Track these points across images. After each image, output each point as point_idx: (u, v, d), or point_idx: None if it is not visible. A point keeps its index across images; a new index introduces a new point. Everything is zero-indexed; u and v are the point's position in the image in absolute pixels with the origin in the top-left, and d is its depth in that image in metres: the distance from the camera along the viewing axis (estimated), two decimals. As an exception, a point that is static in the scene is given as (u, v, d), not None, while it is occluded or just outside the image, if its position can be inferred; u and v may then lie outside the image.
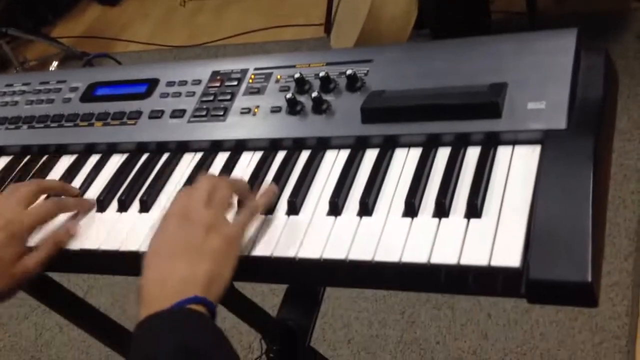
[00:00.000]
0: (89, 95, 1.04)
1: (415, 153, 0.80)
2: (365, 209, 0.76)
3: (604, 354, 1.69)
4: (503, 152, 0.76)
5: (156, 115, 0.96)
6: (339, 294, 2.04)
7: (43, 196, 0.91)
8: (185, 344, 0.66)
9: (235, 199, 0.82)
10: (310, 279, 0.79)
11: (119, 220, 0.87)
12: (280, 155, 0.87)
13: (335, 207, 0.78)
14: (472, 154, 0.77)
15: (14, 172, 1.00)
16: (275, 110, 0.90)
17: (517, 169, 0.74)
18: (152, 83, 1.01)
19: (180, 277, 0.72)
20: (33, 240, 0.85)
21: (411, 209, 0.74)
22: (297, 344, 1.14)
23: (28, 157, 1.03)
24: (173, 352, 0.65)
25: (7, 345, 2.15)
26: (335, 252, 0.73)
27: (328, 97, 0.88)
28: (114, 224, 0.86)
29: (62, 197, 0.92)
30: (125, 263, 0.82)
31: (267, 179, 0.85)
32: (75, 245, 0.85)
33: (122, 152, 0.97)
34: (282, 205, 0.81)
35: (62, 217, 0.88)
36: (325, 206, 0.79)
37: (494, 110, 0.76)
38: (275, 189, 0.83)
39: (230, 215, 0.79)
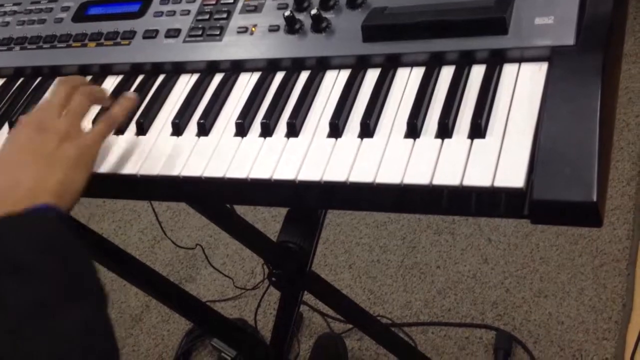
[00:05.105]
0: (81, 15, 1.01)
1: (418, 72, 0.78)
2: (367, 130, 0.74)
3: (603, 276, 1.70)
4: (509, 70, 0.73)
5: (150, 35, 0.93)
6: (340, 220, 2.05)
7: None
8: (43, 245, 0.66)
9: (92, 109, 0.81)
10: (310, 201, 0.77)
11: (116, 143, 0.85)
12: (279, 76, 0.85)
13: (336, 129, 0.76)
14: (477, 72, 0.75)
15: (9, 94, 0.98)
16: (274, 29, 0.87)
17: (523, 88, 0.71)
18: (145, 1, 0.97)
19: (31, 184, 0.71)
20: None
21: (413, 130, 0.72)
22: (299, 267, 1.14)
23: (22, 79, 1.00)
24: (31, 254, 0.64)
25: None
26: (336, 174, 0.71)
27: (328, 15, 0.85)
28: (110, 146, 0.84)
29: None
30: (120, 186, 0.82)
31: (266, 100, 0.83)
32: None
33: (117, 73, 0.94)
34: (282, 127, 0.79)
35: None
36: (325, 128, 0.77)
37: (500, 26, 0.74)
38: (134, 96, 0.82)
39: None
